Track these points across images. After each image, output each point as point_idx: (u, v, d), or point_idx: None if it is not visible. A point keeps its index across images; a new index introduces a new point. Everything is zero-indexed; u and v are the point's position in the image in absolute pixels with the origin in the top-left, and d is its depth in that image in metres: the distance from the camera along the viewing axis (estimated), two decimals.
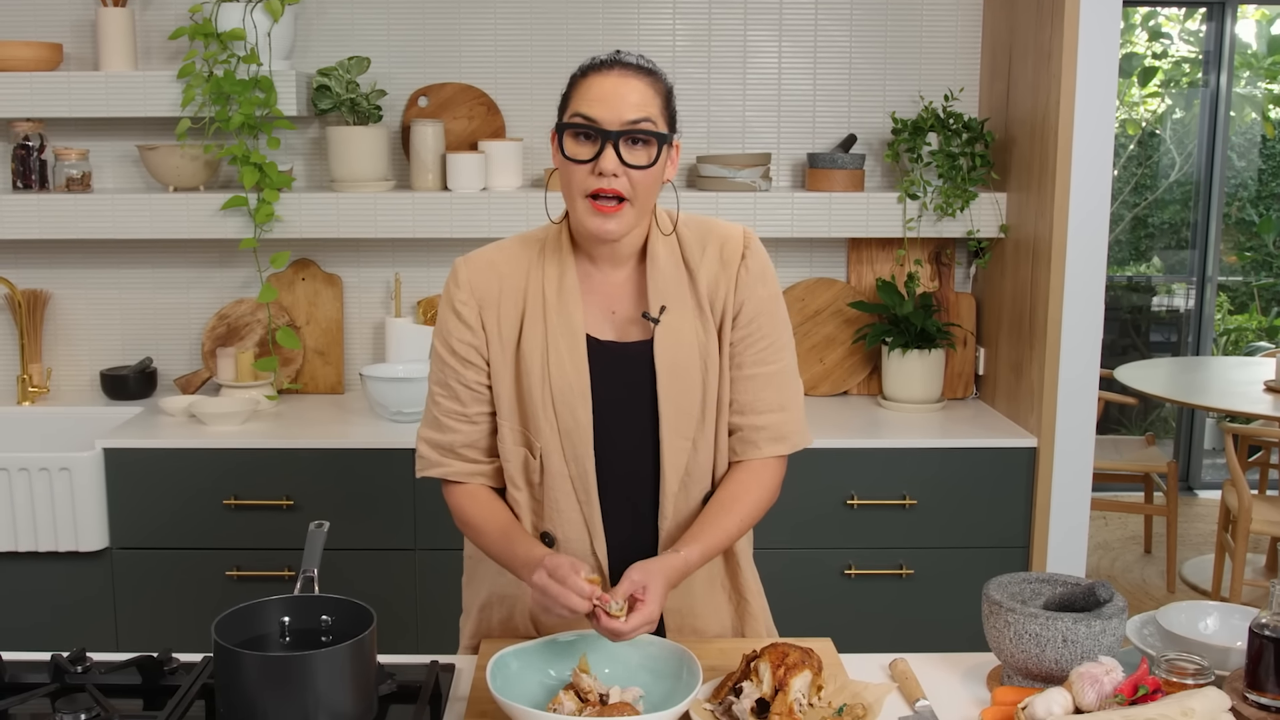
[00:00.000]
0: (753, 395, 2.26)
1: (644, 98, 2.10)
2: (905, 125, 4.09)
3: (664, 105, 2.14)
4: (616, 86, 2.09)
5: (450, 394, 2.26)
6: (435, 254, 4.28)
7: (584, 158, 2.09)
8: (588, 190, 2.10)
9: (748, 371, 2.26)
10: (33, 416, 4.16)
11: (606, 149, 2.07)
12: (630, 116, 2.07)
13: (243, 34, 3.84)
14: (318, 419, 3.98)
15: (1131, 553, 6.40)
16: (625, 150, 2.08)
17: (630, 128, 2.08)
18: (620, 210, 2.11)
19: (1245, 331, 8.01)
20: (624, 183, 2.09)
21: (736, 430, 2.28)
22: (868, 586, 3.82)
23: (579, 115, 2.09)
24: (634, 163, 2.09)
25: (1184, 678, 1.94)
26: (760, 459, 2.28)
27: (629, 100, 2.08)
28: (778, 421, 2.27)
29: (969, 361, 4.28)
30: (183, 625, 3.73)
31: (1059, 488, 3.76)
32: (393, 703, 2.01)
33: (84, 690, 2.02)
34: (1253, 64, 7.81)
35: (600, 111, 2.07)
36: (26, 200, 3.96)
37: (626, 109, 2.07)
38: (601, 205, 2.10)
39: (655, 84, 2.13)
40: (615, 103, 2.07)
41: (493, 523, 2.23)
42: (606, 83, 2.09)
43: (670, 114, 2.16)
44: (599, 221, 2.11)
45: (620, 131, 2.07)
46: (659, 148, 2.11)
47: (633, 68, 2.12)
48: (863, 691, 2.01)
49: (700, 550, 2.15)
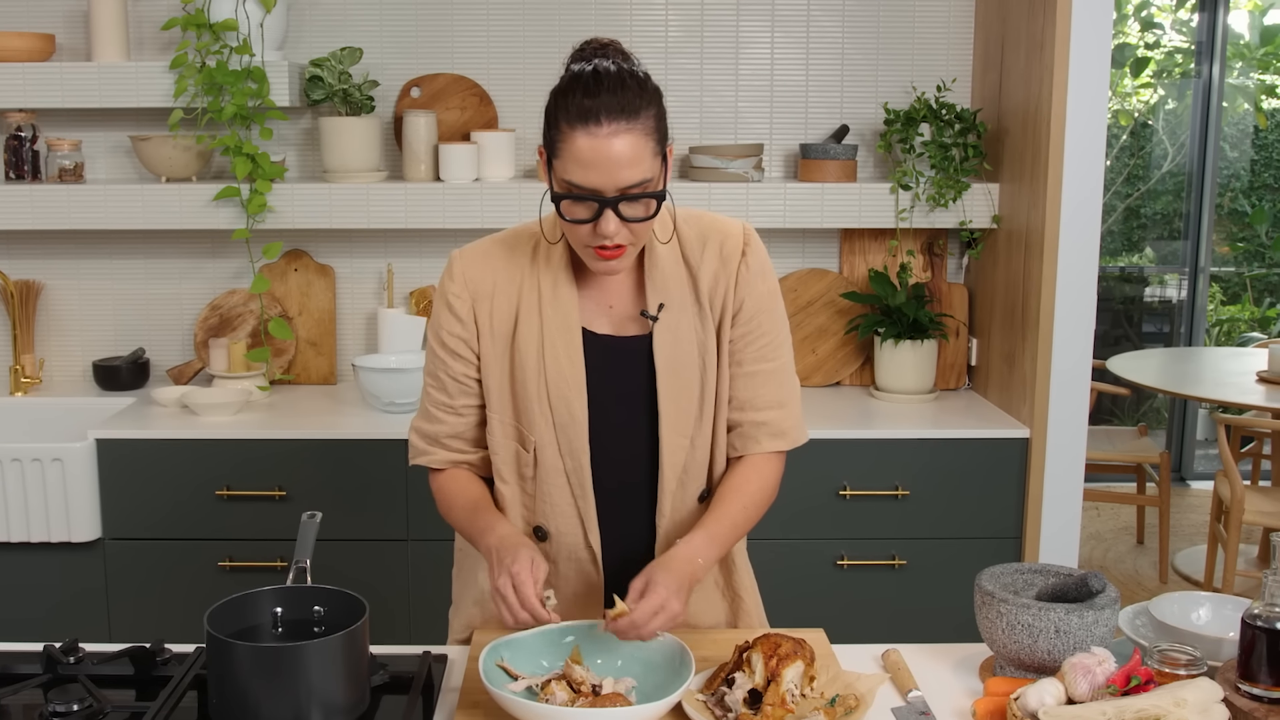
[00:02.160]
0: (752, 392, 2.26)
1: (636, 151, 1.99)
2: (898, 116, 4.09)
3: (657, 139, 2.04)
4: (607, 151, 1.98)
5: (439, 385, 2.26)
6: (428, 245, 4.27)
7: (583, 218, 2.04)
8: (589, 244, 2.07)
9: (748, 369, 2.25)
10: (25, 407, 4.15)
11: (605, 213, 2.01)
12: (625, 182, 2.00)
13: (235, 24, 3.84)
14: (310, 410, 3.98)
15: (1124, 543, 6.41)
16: (624, 207, 2.03)
17: (626, 194, 2.01)
18: (624, 253, 2.09)
19: (1238, 322, 8.02)
20: (625, 234, 2.05)
21: (736, 426, 2.28)
22: (860, 577, 3.82)
23: (573, 184, 2.01)
24: (634, 216, 2.04)
25: (1176, 668, 1.94)
26: (760, 454, 2.28)
27: (622, 163, 1.98)
28: (777, 418, 2.27)
29: (961, 352, 4.28)
30: (175, 616, 3.73)
31: (1051, 478, 3.77)
32: (385, 693, 2.01)
33: (76, 681, 2.02)
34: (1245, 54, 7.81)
35: (595, 179, 1.99)
36: (19, 191, 3.95)
37: (621, 174, 1.99)
38: (604, 253, 2.07)
39: (645, 122, 2.02)
40: (608, 168, 1.98)
41: (463, 496, 2.25)
42: (596, 145, 1.98)
43: (661, 134, 2.06)
44: (604, 265, 2.10)
45: (617, 198, 2.01)
46: (658, 201, 2.06)
47: (620, 117, 1.99)
48: (855, 682, 2.02)
49: (705, 537, 2.14)
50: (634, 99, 2.01)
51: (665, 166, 2.09)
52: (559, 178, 2.04)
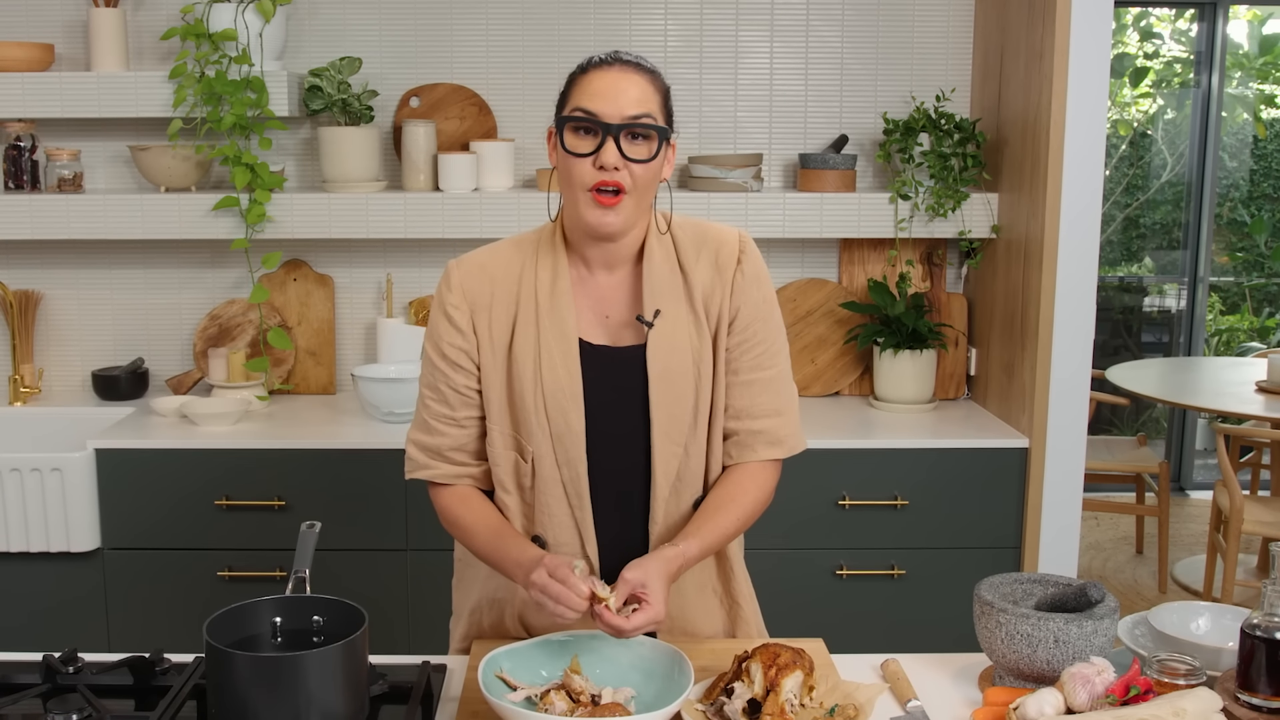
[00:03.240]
0: (749, 400, 2.26)
1: (644, 93, 2.11)
2: (897, 126, 4.10)
3: (663, 102, 2.15)
4: (617, 81, 2.09)
5: (439, 397, 2.25)
6: (427, 254, 4.28)
7: (585, 151, 2.09)
8: (589, 183, 2.10)
9: (744, 377, 2.26)
10: (24, 417, 4.15)
11: (608, 142, 2.08)
12: (631, 111, 2.08)
13: (234, 34, 3.84)
14: (309, 419, 3.98)
15: (1123, 553, 6.41)
16: (626, 144, 2.09)
17: (632, 121, 2.08)
18: (620, 202, 2.11)
19: (1237, 332, 8.02)
20: (625, 176, 2.09)
21: (732, 435, 2.28)
22: (859, 587, 3.82)
23: (580, 109, 2.10)
24: (635, 156, 2.09)
25: (1176, 678, 1.94)
26: (757, 462, 2.28)
27: (630, 95, 2.09)
28: (774, 426, 2.28)
29: (960, 362, 4.28)
30: (174, 626, 3.73)
31: (1050, 488, 3.77)
32: (384, 703, 2.00)
33: (75, 691, 2.02)
34: (1244, 64, 7.82)
35: (601, 105, 2.08)
36: (18, 201, 3.96)
37: (628, 103, 2.08)
38: (602, 198, 2.10)
39: (655, 81, 2.14)
40: (616, 97, 2.08)
41: (483, 524, 2.23)
42: (607, 78, 2.10)
43: (668, 112, 2.17)
44: (599, 214, 2.11)
45: (622, 125, 2.08)
46: (659, 142, 2.12)
47: (632, 65, 2.13)
48: (854, 692, 2.02)
49: (698, 545, 2.15)
50: (648, 66, 2.16)
51: (668, 151, 2.18)
52: (566, 115, 2.12)
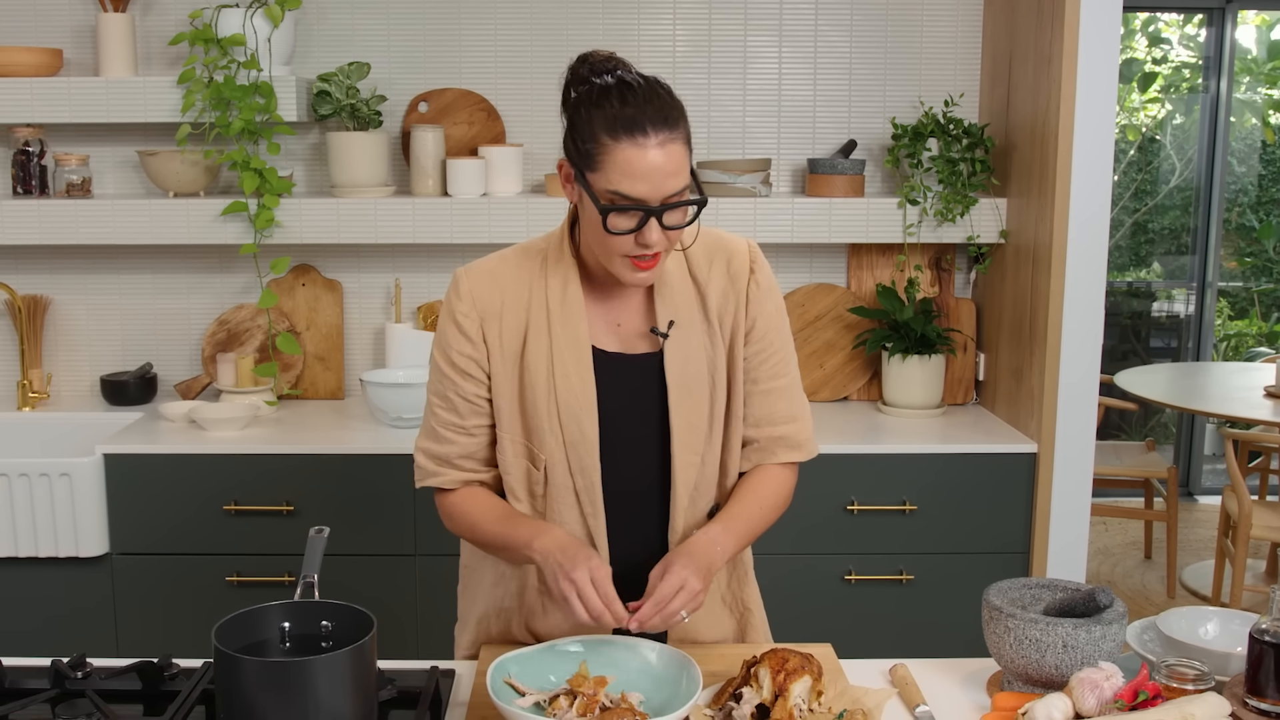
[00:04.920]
0: (769, 408, 2.28)
1: (679, 160, 2.01)
2: (905, 131, 4.09)
3: (689, 142, 2.06)
4: (654, 159, 1.98)
5: (448, 406, 2.24)
6: (435, 260, 4.28)
7: (627, 229, 2.03)
8: (628, 254, 2.06)
9: (764, 386, 2.27)
10: (33, 422, 4.16)
11: (651, 222, 2.02)
12: (670, 191, 2.00)
13: (243, 39, 3.85)
14: (318, 424, 3.98)
15: (1132, 558, 6.40)
16: (666, 216, 2.03)
17: (672, 202, 2.02)
18: (658, 261, 2.09)
19: (1245, 337, 8.01)
20: (664, 241, 2.05)
21: (752, 442, 2.30)
22: (868, 592, 3.82)
23: (619, 195, 2.00)
24: (674, 224, 2.05)
25: (1184, 683, 1.94)
26: (776, 464, 2.31)
27: (668, 172, 1.99)
28: (793, 431, 2.30)
29: (969, 367, 4.28)
30: (183, 631, 3.73)
31: (1059, 493, 3.76)
32: (393, 708, 2.01)
33: (84, 696, 2.02)
34: (1253, 69, 7.81)
35: (642, 190, 1.99)
36: (27, 206, 3.96)
37: (667, 183, 2.00)
38: (642, 264, 2.07)
39: (683, 130, 2.04)
40: (656, 178, 1.99)
41: (491, 511, 2.22)
42: (645, 157, 1.98)
43: (689, 142, 2.07)
44: (639, 277, 2.09)
45: (662, 207, 2.01)
46: (698, 209, 2.07)
47: (667, 124, 2.00)
48: (863, 697, 2.01)
49: (721, 529, 2.16)
50: (671, 109, 2.03)
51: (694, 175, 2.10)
52: (601, 189, 2.02)
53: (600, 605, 1.97)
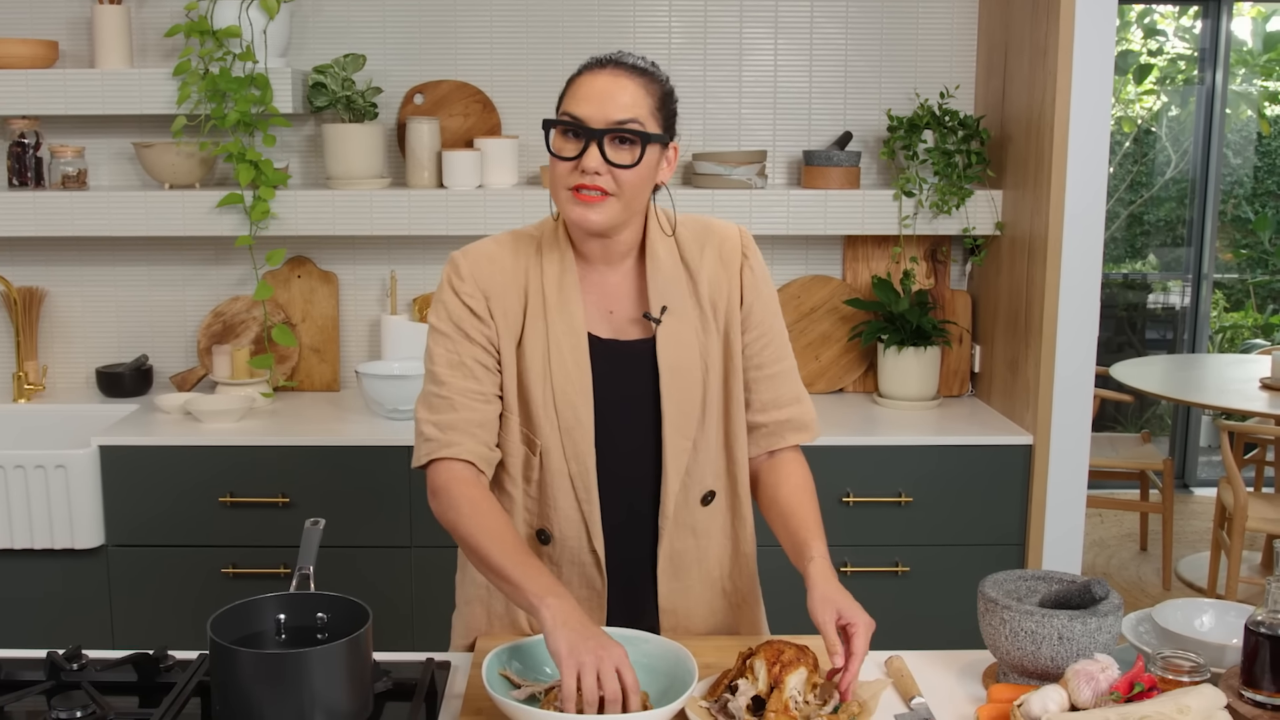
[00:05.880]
0: (775, 392, 2.31)
1: (634, 98, 2.09)
2: (901, 122, 4.09)
3: (657, 106, 2.12)
4: (606, 86, 2.08)
5: (464, 372, 2.18)
6: (431, 251, 4.28)
7: (569, 154, 2.09)
8: (570, 184, 2.10)
9: (768, 371, 2.30)
10: (28, 414, 4.16)
11: (590, 147, 2.07)
12: (617, 117, 2.07)
13: (238, 31, 3.84)
14: (313, 416, 3.98)
15: (1127, 550, 6.41)
16: (610, 149, 2.08)
17: (615, 127, 2.07)
18: (603, 201, 2.10)
19: (1241, 329, 8.02)
20: (608, 180, 2.08)
21: (761, 426, 2.32)
22: (863, 584, 3.82)
23: (567, 114, 2.09)
24: (618, 161, 2.08)
25: (1180, 675, 1.94)
26: (789, 451, 2.35)
27: (618, 100, 2.07)
28: (798, 413, 2.34)
29: (965, 359, 4.28)
30: (178, 622, 3.73)
31: (1055, 485, 3.76)
32: (389, 700, 2.01)
33: (79, 688, 2.02)
34: (1248, 61, 7.81)
35: (587, 110, 2.07)
36: (22, 198, 3.96)
37: (614, 109, 2.07)
38: (583, 195, 2.09)
39: (650, 85, 2.12)
40: (603, 102, 2.07)
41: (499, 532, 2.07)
42: (597, 82, 2.09)
43: (666, 116, 2.15)
44: (581, 210, 2.10)
45: (604, 130, 2.07)
46: (643, 147, 2.10)
47: (627, 68, 2.11)
48: (858, 689, 2.01)
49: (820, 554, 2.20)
50: (641, 68, 2.14)
51: (665, 154, 2.17)
52: (553, 119, 2.12)
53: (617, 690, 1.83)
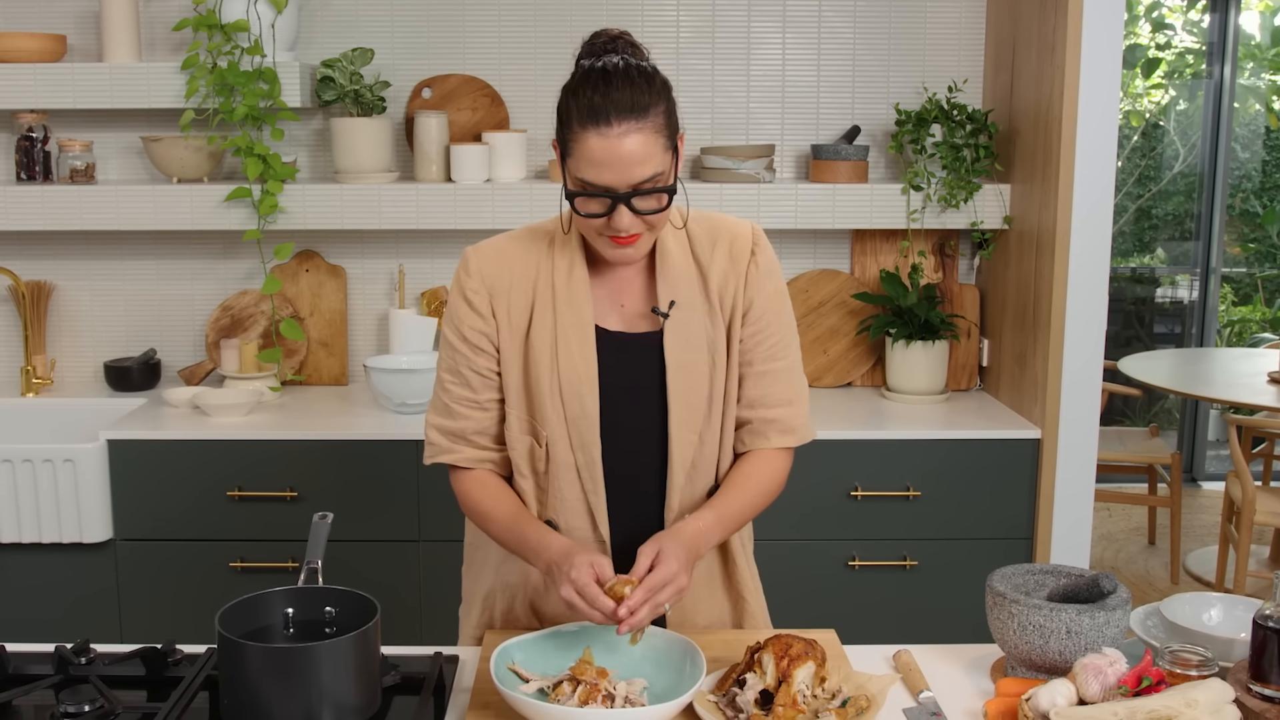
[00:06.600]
0: (763, 390, 2.28)
1: (648, 149, 2.03)
2: (909, 116, 4.09)
3: (664, 128, 2.07)
4: (617, 149, 2.01)
5: (461, 381, 2.26)
6: (439, 245, 4.28)
7: (598, 213, 2.07)
8: (604, 233, 2.10)
9: (759, 368, 2.28)
10: (37, 408, 4.16)
11: (619, 208, 2.05)
12: (637, 178, 2.03)
13: (246, 25, 3.84)
14: (321, 410, 3.99)
15: (1135, 544, 6.40)
16: (637, 202, 2.06)
17: (638, 189, 2.05)
18: (638, 240, 2.11)
19: (1249, 323, 8.00)
20: (639, 225, 2.08)
21: (746, 423, 2.30)
22: (871, 578, 3.82)
23: (585, 182, 2.05)
24: (647, 210, 2.07)
25: (1188, 669, 1.94)
26: (770, 449, 2.30)
27: (632, 161, 2.02)
28: (787, 415, 2.30)
29: (973, 353, 4.28)
30: (186, 617, 3.74)
31: (1063, 479, 3.76)
32: (397, 694, 2.01)
33: (88, 682, 2.02)
34: (1256, 55, 7.79)
35: (607, 178, 2.03)
36: (30, 191, 3.96)
37: (632, 171, 2.03)
38: (620, 240, 2.10)
39: (654, 115, 2.05)
40: (619, 167, 2.02)
41: (501, 509, 2.24)
42: (609, 146, 2.01)
43: (672, 127, 2.10)
44: (619, 253, 2.13)
45: (630, 193, 2.04)
46: (669, 196, 2.09)
47: (628, 114, 2.02)
48: (866, 683, 2.01)
49: (713, 516, 2.17)
50: (642, 96, 2.05)
51: (676, 158, 2.13)
52: (572, 175, 2.07)
53: (606, 600, 1.97)
